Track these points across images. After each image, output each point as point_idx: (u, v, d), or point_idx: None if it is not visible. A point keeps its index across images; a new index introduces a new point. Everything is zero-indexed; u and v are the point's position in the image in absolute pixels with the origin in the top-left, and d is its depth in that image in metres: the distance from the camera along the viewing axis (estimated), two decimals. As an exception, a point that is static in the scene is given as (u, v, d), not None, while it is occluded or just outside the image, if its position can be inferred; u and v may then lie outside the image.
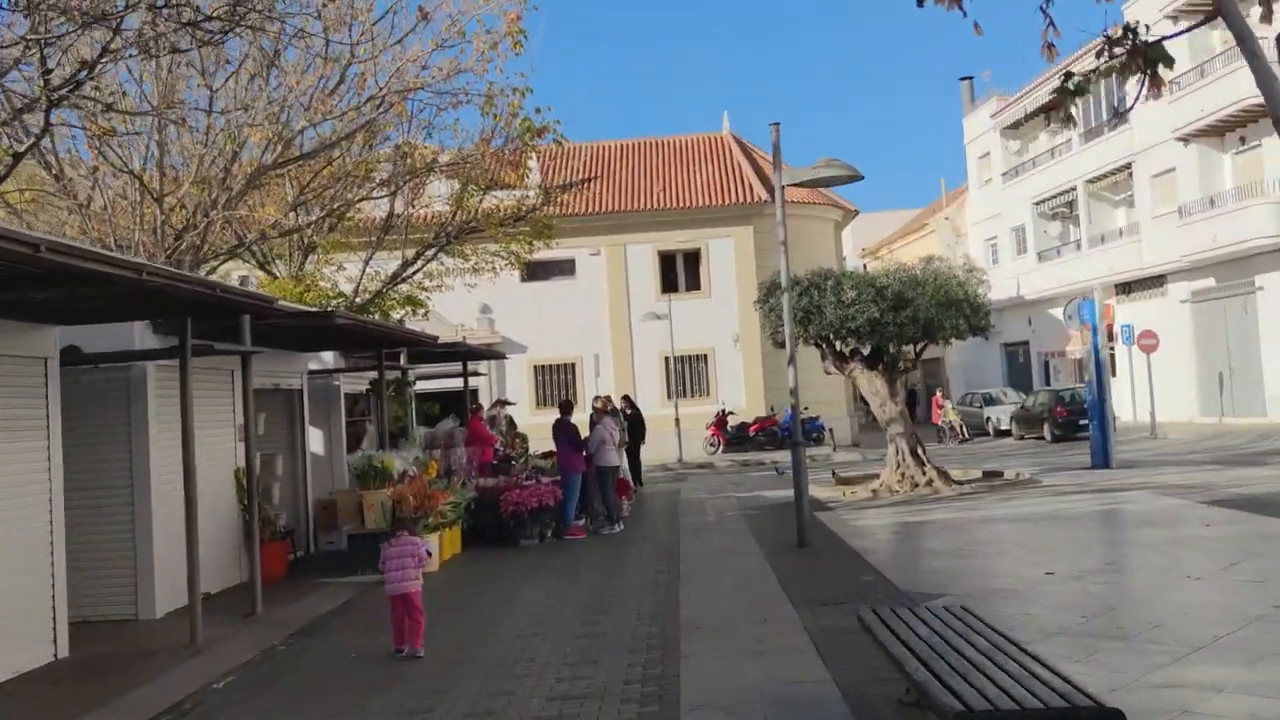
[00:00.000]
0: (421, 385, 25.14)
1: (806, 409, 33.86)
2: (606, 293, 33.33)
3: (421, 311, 24.09)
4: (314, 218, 18.01)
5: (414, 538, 8.70)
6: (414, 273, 22.30)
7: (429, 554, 9.00)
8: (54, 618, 8.83)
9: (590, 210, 33.41)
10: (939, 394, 35.05)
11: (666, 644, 7.79)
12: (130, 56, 10.41)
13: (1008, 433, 33.35)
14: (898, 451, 17.79)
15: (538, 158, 32.25)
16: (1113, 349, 37.09)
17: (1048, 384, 40.77)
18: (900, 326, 16.96)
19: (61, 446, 9.04)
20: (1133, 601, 8.19)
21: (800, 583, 9.82)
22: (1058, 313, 38.62)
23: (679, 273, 33.92)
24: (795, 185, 12.68)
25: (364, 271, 21.84)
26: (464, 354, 20.97)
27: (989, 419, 35.87)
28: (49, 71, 9.26)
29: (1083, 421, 30.58)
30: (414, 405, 20.75)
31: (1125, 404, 32.87)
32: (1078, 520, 13.26)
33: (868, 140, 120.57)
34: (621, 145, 37.62)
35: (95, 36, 10.09)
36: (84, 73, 9.73)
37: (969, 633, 5.66)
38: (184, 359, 9.08)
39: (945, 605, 6.39)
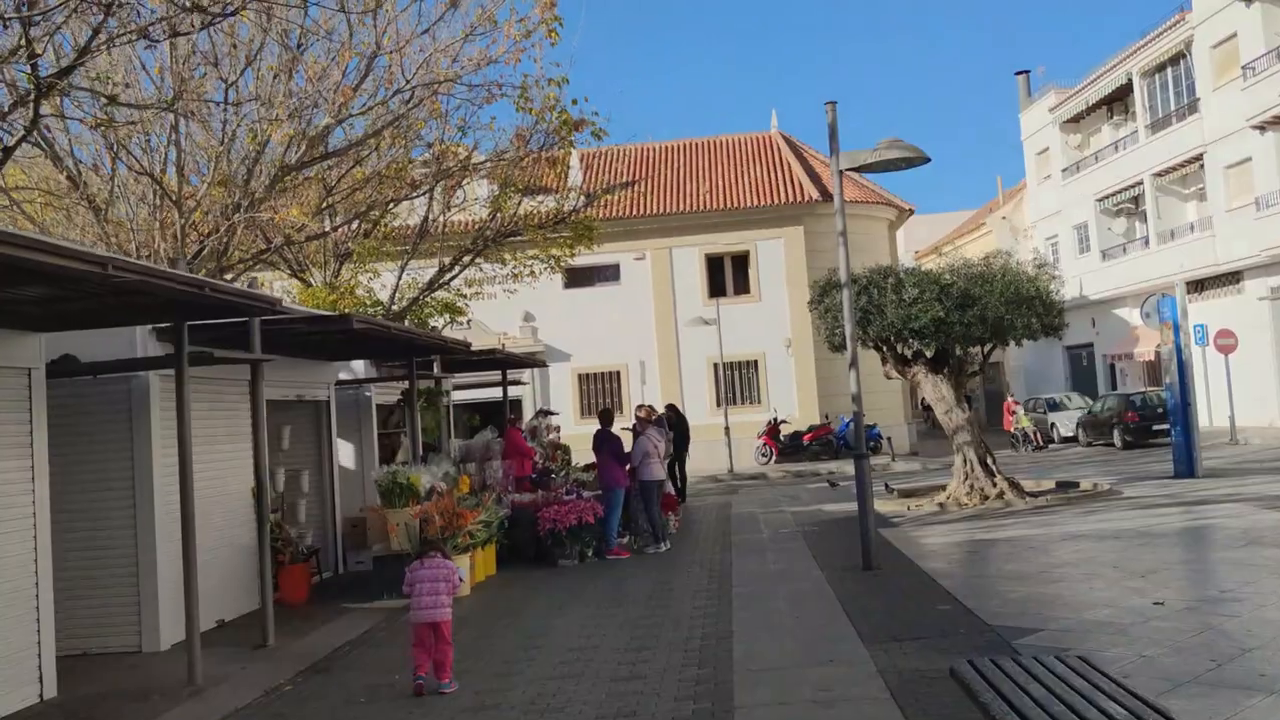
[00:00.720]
0: (460, 396, 24.32)
1: (864, 416, 32.46)
2: (652, 298, 32.34)
3: (462, 320, 23.27)
4: (342, 221, 17.20)
5: (446, 560, 7.75)
6: (451, 279, 21.51)
7: (461, 579, 8.06)
8: (39, 654, 7.98)
9: (634, 213, 32.46)
10: (1011, 399, 33.33)
11: (718, 691, 6.72)
12: (128, 41, 9.59)
13: (1073, 439, 31.77)
14: (965, 461, 16.55)
15: (580, 160, 31.48)
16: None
17: (1113, 388, 39.06)
18: (966, 326, 15.76)
19: (49, 464, 8.21)
20: (1269, 641, 6.97)
21: (868, 613, 8.71)
22: (1124, 313, 36.94)
23: (727, 276, 32.83)
24: (854, 171, 11.57)
25: (400, 278, 21.09)
26: (502, 362, 20.06)
27: (1053, 425, 34.27)
28: (35, 56, 8.45)
29: (1156, 427, 29.11)
30: (450, 416, 19.88)
31: (1201, 408, 31.06)
32: (1174, 538, 11.98)
33: (921, 138, 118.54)
34: (666, 146, 36.63)
35: (88, 21, 9.30)
36: (76, 59, 8.94)
37: (1094, 693, 4.54)
38: (180, 367, 8.21)
39: (1057, 656, 5.26)
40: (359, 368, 15.78)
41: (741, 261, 32.73)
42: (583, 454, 18.60)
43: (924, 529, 14.10)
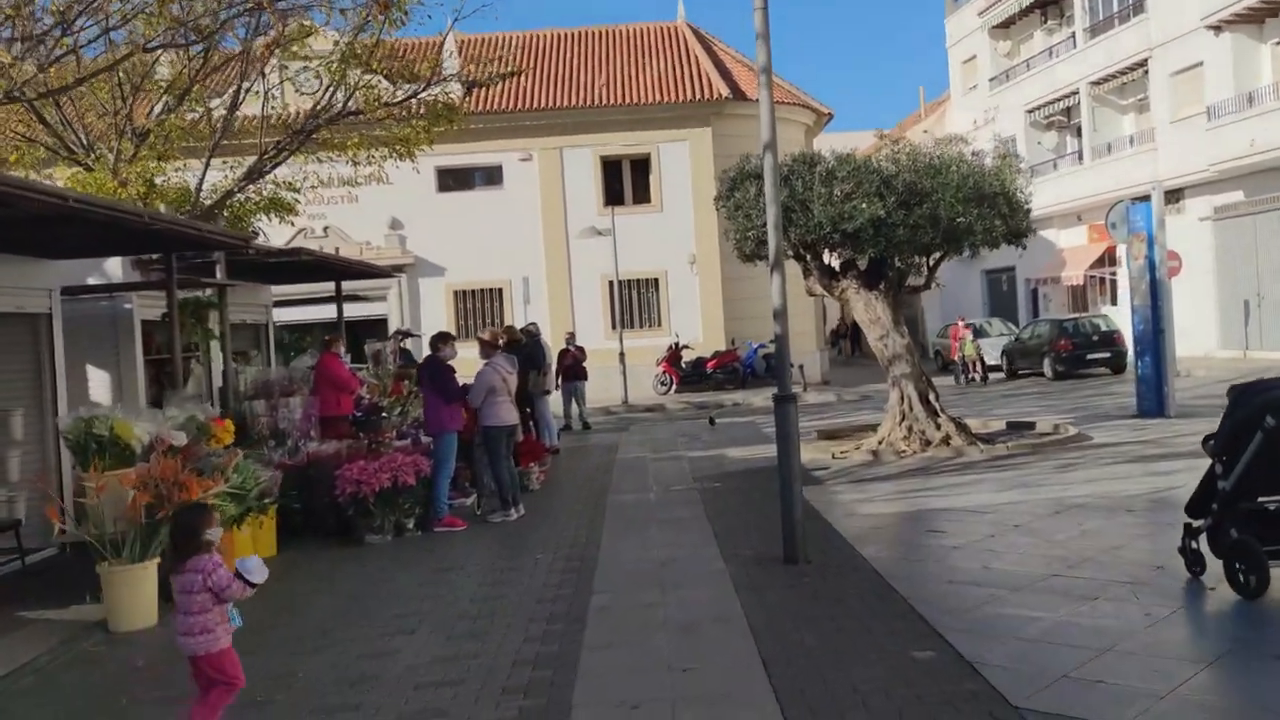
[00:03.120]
0: (289, 315, 20.36)
1: (772, 342, 29.19)
2: (539, 205, 28.40)
3: (291, 219, 19.11)
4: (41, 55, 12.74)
5: (205, 556, 4.57)
6: (274, 166, 17.37)
7: (248, 583, 4.51)
8: None
9: (519, 106, 28.34)
10: (961, 321, 29.82)
11: None
12: None
13: (995, 368, 29.08)
14: (903, 398, 13.36)
15: (458, 46, 27.16)
16: (1114, 274, 33.11)
17: (1035, 315, 36.76)
18: (913, 229, 12.43)
19: None
20: None
21: (801, 662, 5.33)
22: (1050, 234, 34.38)
23: (625, 182, 29.07)
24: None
25: (207, 164, 16.93)
26: (336, 271, 16.12)
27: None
28: None
29: (1091, 356, 26.65)
30: (269, 339, 15.88)
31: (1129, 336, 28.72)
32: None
33: (838, 50, 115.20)
34: (558, 34, 32.31)
35: None
36: None
37: None
38: None
39: None
40: (115, 271, 11.77)
41: (642, 166, 28.97)
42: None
43: (858, 487, 10.87)
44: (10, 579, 8.81)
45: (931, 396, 13.45)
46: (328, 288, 19.68)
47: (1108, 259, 32.11)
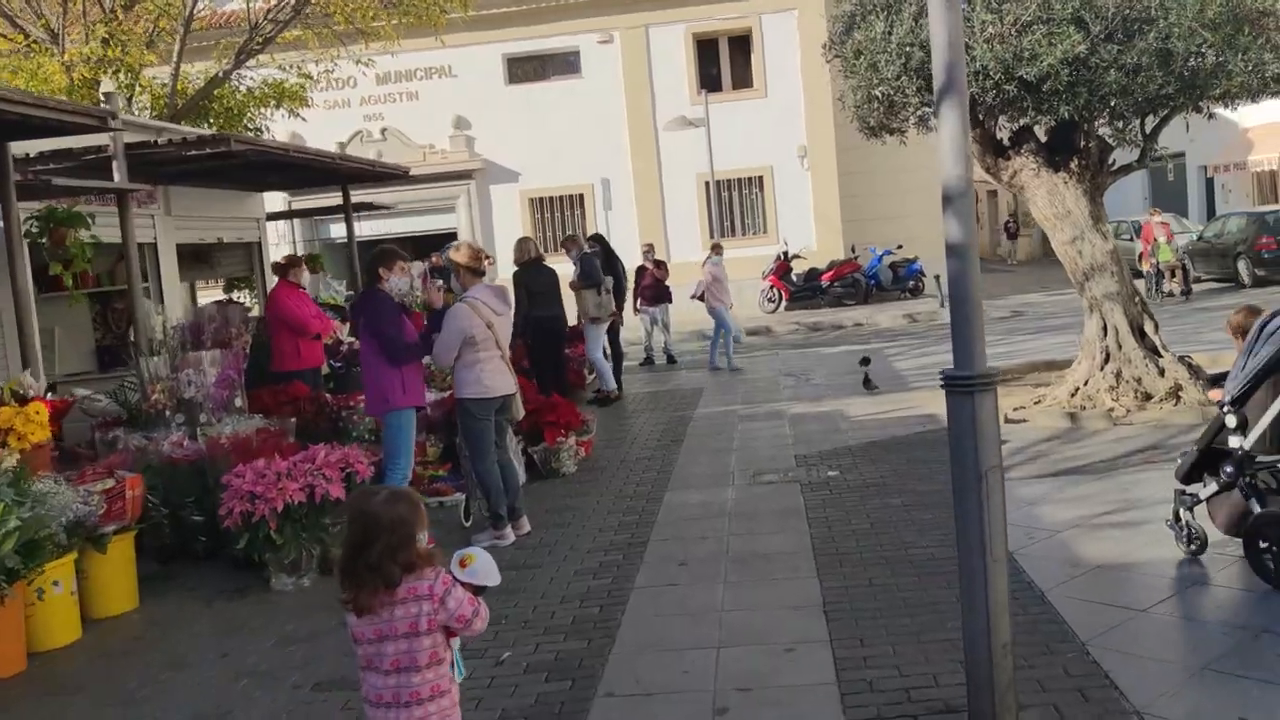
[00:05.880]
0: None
1: (900, 247, 25.13)
2: (623, 95, 24.30)
3: (301, 112, 15.73)
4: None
5: (430, 572, 2.94)
6: (265, 45, 13.93)
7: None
8: None
9: (596, -21, 24.12)
10: (1155, 215, 23.34)
11: None
12: None
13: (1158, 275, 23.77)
14: (1107, 329, 9.17)
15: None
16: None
17: (1210, 210, 31.32)
18: (1129, 74, 8.14)
19: None
20: None
21: None
22: (1230, 113, 28.73)
23: (722, 64, 24.70)
24: None
25: (179, 56, 13.61)
26: (342, 174, 12.58)
27: (1140, 255, 26.54)
28: None
29: (1303, 255, 21.67)
30: (132, 263, 12.46)
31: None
32: None
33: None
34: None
35: None
36: None
37: None
38: None
39: None
40: None
41: (742, 44, 24.52)
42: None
43: (1067, 486, 6.87)
44: None
45: (1150, 327, 9.23)
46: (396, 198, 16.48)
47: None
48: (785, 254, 23.34)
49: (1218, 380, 5.38)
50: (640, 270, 15.67)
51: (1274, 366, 4.78)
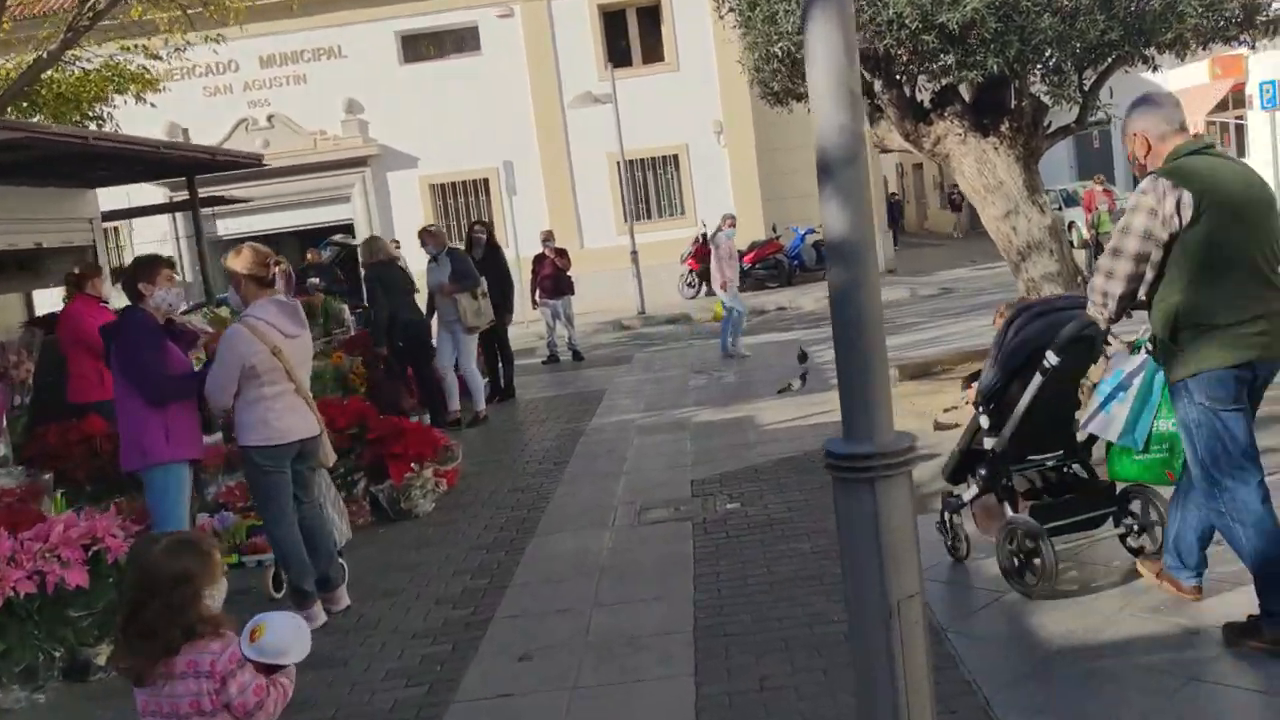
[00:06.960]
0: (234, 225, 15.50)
1: (820, 227, 23.58)
2: (526, 71, 22.80)
3: (149, 95, 14.02)
4: None
5: (214, 643, 2.64)
6: (71, 37, 12.23)
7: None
8: None
9: (492, -54, 22.54)
10: (1097, 185, 22.41)
11: None
12: None
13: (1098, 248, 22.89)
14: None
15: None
16: (1241, 119, 27.00)
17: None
18: (1066, 20, 6.97)
19: None
20: None
21: None
22: (1153, 75, 28.05)
23: (631, 36, 23.31)
24: None
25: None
26: (191, 165, 10.92)
27: (1070, 225, 25.68)
28: None
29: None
30: None
31: (1284, 193, 22.68)
32: None
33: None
34: None
35: None
36: None
37: None
38: None
39: None
40: None
41: (650, 14, 23.14)
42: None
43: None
44: None
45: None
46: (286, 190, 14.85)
47: (1231, 101, 26.11)
48: (704, 236, 22.07)
49: (974, 378, 5.08)
50: (539, 259, 14.30)
51: (1021, 364, 4.45)
